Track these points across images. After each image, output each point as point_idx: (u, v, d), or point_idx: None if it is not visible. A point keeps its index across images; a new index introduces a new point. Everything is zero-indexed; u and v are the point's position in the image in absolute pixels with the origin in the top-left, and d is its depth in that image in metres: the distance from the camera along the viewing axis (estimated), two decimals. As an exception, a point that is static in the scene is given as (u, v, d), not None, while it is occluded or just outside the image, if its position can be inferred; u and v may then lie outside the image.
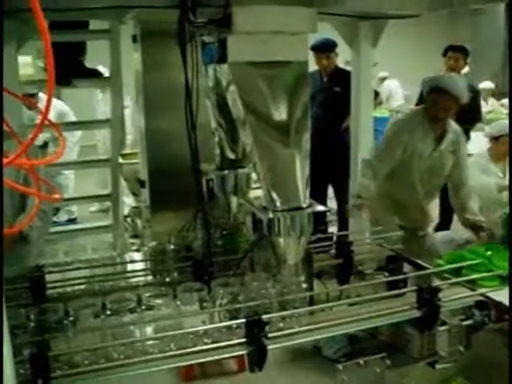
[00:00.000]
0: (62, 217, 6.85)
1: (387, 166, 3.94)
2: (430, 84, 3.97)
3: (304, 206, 2.40)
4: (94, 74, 4.50)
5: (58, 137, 1.91)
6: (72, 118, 7.15)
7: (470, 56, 6.95)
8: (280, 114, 2.37)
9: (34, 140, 1.07)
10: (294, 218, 2.36)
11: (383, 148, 4.02)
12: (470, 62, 7.28)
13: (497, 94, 12.34)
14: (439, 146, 3.96)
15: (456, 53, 6.75)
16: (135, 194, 4.90)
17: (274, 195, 2.38)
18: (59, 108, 7.09)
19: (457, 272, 2.83)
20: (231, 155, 2.95)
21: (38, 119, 4.50)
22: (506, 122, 5.89)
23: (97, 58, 4.82)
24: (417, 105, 8.70)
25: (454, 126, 4.07)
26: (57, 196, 2.41)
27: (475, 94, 6.77)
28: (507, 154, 5.14)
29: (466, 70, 10.21)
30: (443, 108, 3.84)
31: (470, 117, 6.06)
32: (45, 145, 5.80)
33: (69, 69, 3.59)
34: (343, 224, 5.17)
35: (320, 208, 2.46)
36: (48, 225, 3.27)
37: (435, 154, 3.97)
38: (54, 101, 6.82)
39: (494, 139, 5.30)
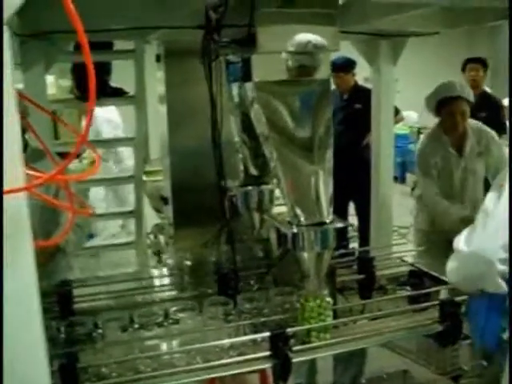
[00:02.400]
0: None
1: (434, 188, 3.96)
2: (436, 97, 3.97)
3: (327, 221, 2.43)
4: (119, 93, 4.60)
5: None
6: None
7: (489, 72, 6.93)
8: (303, 131, 2.40)
9: (73, 159, 1.12)
10: (318, 232, 2.39)
11: (421, 177, 4.02)
12: (489, 78, 7.26)
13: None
14: (463, 154, 3.94)
15: (475, 64, 6.77)
16: (158, 211, 4.94)
17: (298, 211, 2.41)
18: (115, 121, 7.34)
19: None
20: (254, 172, 2.99)
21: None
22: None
23: (119, 77, 4.93)
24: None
25: (475, 126, 4.04)
26: (89, 211, 2.47)
27: (498, 107, 6.80)
28: None
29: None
30: (460, 113, 3.84)
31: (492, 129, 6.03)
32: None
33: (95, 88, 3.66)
34: (364, 240, 5.19)
35: (343, 223, 2.49)
36: (82, 239, 3.33)
37: (462, 162, 3.95)
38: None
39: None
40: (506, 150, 4.08)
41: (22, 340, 1.25)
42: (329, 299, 2.40)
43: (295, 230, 2.38)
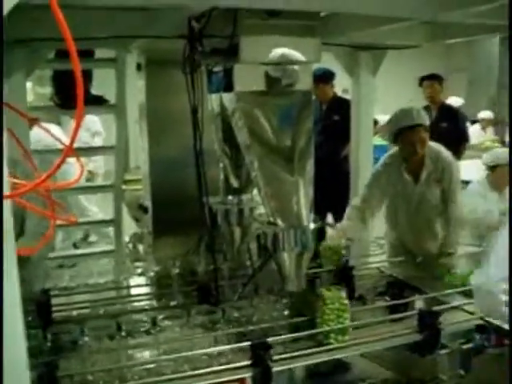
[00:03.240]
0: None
1: (373, 205, 3.95)
2: (395, 127, 3.86)
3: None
4: (100, 101, 4.58)
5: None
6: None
7: (466, 83, 7.17)
8: (284, 141, 2.42)
9: (58, 168, 1.12)
10: (297, 232, 2.41)
11: (365, 189, 4.01)
12: (465, 89, 7.42)
13: (498, 123, 12.43)
14: (418, 181, 3.93)
15: (431, 80, 7.00)
16: (137, 220, 4.93)
17: (279, 221, 2.43)
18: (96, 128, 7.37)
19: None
20: (235, 182, 2.99)
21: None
22: (501, 150, 5.87)
23: (100, 85, 4.91)
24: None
25: (434, 153, 3.92)
26: (72, 219, 2.46)
27: (457, 117, 7.00)
28: (506, 184, 5.05)
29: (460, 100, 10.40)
30: (420, 141, 3.77)
31: (454, 139, 6.14)
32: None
33: (75, 95, 3.65)
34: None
35: (321, 223, 2.52)
36: (49, 246, 3.30)
37: (418, 188, 3.92)
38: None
39: (491, 168, 5.25)
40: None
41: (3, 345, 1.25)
42: (346, 301, 2.43)
43: (275, 231, 2.40)
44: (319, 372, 2.58)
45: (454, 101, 10.29)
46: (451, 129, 6.77)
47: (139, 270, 3.30)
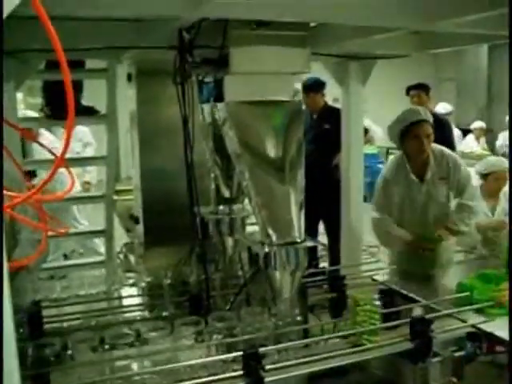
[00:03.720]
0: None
1: (386, 206, 4.01)
2: (400, 124, 3.98)
3: (299, 240, 2.45)
4: (91, 112, 4.58)
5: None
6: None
7: (455, 93, 7.26)
8: (275, 150, 2.43)
9: (51, 178, 1.12)
10: (290, 252, 2.42)
11: (378, 201, 4.06)
12: (454, 98, 7.48)
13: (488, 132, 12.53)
14: (424, 180, 3.99)
15: (417, 90, 7.09)
16: (128, 230, 4.92)
17: (270, 230, 2.43)
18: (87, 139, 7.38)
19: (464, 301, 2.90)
20: (226, 192, 3.00)
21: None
22: (494, 158, 5.94)
23: (90, 95, 4.91)
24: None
25: (438, 151, 4.07)
26: (63, 230, 2.45)
27: (444, 126, 7.01)
28: (499, 191, 5.17)
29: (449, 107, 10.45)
30: (426, 136, 3.90)
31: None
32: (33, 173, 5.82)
33: (66, 106, 3.64)
34: (334, 259, 5.22)
35: (314, 243, 2.52)
36: (41, 258, 3.27)
37: (424, 187, 3.99)
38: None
39: (484, 176, 5.31)
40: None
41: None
42: (377, 303, 2.49)
43: (267, 250, 2.40)
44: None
45: (443, 107, 10.34)
46: (437, 137, 6.80)
47: (131, 281, 3.29)
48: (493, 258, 4.35)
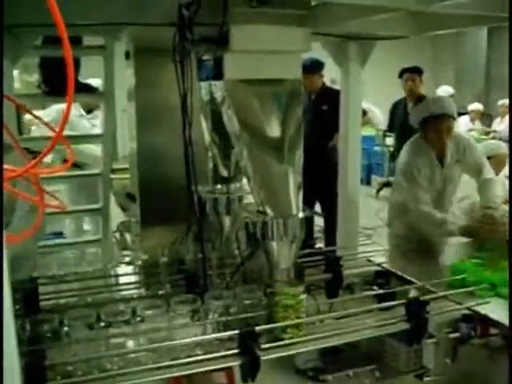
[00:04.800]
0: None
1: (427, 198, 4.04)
2: (423, 113, 4.04)
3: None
4: (88, 89, 4.56)
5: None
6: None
7: (453, 77, 7.27)
8: (274, 130, 2.42)
9: (49, 152, 1.12)
10: (287, 222, 2.43)
11: (409, 188, 4.06)
12: (453, 81, 7.48)
13: (485, 115, 12.55)
14: (445, 162, 4.05)
15: (411, 73, 7.09)
16: (124, 209, 4.91)
17: (268, 209, 2.43)
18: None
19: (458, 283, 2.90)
20: (224, 171, 2.99)
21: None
22: (494, 142, 6.01)
23: (87, 72, 4.89)
24: (389, 128, 8.91)
25: (458, 137, 4.16)
26: (60, 204, 2.45)
27: None
28: (498, 174, 5.24)
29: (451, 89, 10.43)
30: (446, 130, 3.94)
31: None
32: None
33: (63, 83, 3.63)
34: (330, 240, 5.23)
35: (310, 213, 2.53)
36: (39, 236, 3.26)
37: (444, 171, 4.06)
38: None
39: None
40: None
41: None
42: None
43: (265, 220, 2.40)
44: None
45: (444, 90, 10.34)
46: None
47: (127, 259, 3.29)
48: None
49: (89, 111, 5.78)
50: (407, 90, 7.25)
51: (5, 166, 1.15)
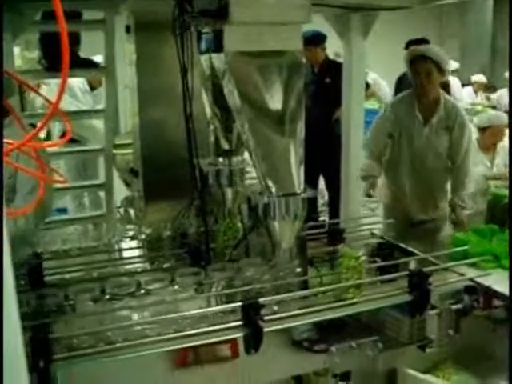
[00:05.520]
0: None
1: (380, 143, 4.08)
2: (409, 56, 4.07)
3: (298, 191, 2.46)
4: (88, 64, 4.54)
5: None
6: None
7: (459, 50, 7.21)
8: (275, 103, 2.41)
9: (43, 127, 1.12)
10: (289, 202, 2.42)
11: (371, 140, 4.12)
12: (458, 55, 7.43)
13: (489, 88, 12.47)
14: (428, 123, 4.00)
15: (417, 45, 7.01)
16: (128, 184, 4.91)
17: (269, 182, 2.43)
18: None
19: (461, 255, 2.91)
20: (225, 145, 2.98)
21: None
22: (493, 112, 6.01)
23: (88, 48, 4.86)
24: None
25: (450, 102, 4.11)
26: (62, 179, 2.45)
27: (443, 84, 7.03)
28: (495, 144, 5.27)
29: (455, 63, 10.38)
30: (424, 73, 3.91)
31: None
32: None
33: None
34: (334, 213, 5.24)
35: (313, 194, 2.53)
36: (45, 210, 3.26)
37: (426, 130, 4.00)
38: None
39: (482, 130, 5.40)
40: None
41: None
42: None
43: (266, 200, 2.40)
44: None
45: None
46: None
47: (130, 233, 3.30)
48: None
49: (92, 89, 5.76)
50: None
51: (3, 140, 1.15)
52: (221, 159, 2.98)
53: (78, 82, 5.78)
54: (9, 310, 1.28)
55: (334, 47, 6.51)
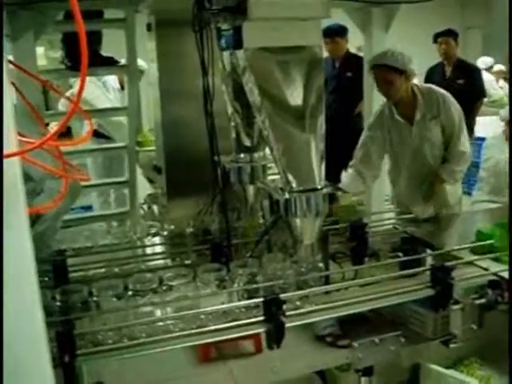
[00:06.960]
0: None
1: (373, 162, 4.07)
2: (369, 64, 3.92)
3: (319, 187, 2.45)
4: (110, 62, 4.56)
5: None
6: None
7: (482, 40, 7.13)
8: (295, 98, 2.41)
9: (64, 125, 1.13)
10: (310, 198, 2.42)
11: (360, 147, 4.14)
12: (482, 46, 7.35)
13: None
14: (413, 122, 3.92)
15: (445, 37, 6.94)
16: (151, 181, 4.95)
17: (290, 177, 2.43)
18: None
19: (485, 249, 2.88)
20: (247, 141, 2.99)
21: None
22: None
23: (109, 47, 4.89)
24: None
25: (426, 90, 3.96)
26: (85, 176, 2.47)
27: (474, 73, 6.95)
28: None
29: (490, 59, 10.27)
30: (382, 81, 3.82)
31: (469, 94, 6.21)
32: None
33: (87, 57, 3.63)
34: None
35: (334, 190, 2.52)
36: (66, 208, 3.28)
37: (414, 129, 3.93)
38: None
39: (508, 122, 5.33)
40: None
41: (18, 303, 1.26)
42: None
43: (287, 196, 2.40)
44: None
45: (482, 61, 10.16)
46: (467, 85, 6.74)
47: (153, 230, 3.32)
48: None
49: (122, 88, 5.80)
50: (442, 54, 7.09)
51: (23, 139, 1.17)
52: (242, 155, 2.99)
53: (111, 80, 5.83)
54: (33, 306, 1.30)
55: (355, 42, 6.47)
